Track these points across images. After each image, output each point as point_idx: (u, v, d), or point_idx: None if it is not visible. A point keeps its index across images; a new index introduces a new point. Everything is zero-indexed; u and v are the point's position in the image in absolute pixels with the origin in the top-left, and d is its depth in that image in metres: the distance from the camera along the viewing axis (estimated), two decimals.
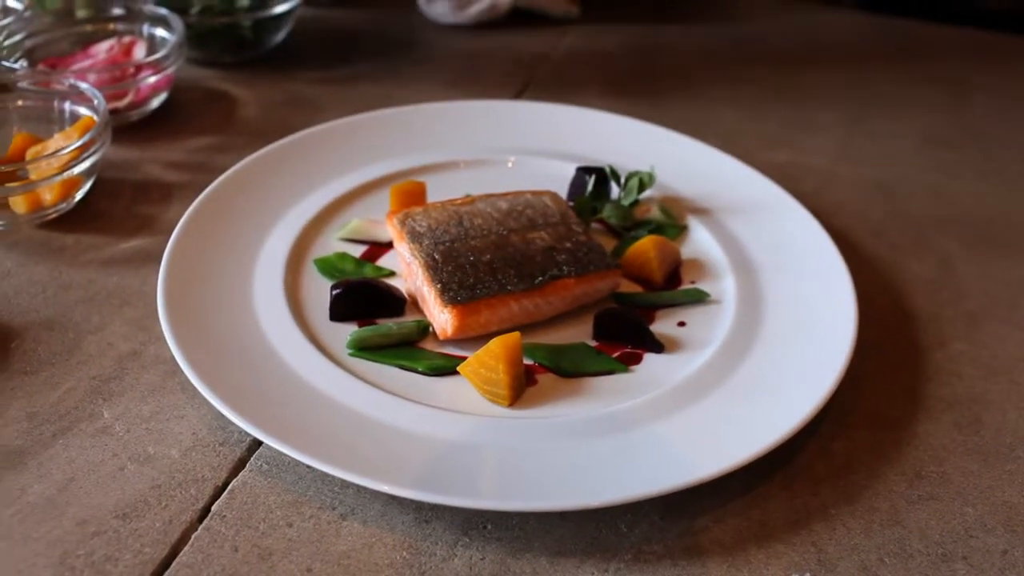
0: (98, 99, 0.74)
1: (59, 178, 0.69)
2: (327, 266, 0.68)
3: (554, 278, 0.63)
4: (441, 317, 0.60)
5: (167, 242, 0.66)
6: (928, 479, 0.56)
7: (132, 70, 0.83)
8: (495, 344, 0.57)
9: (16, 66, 0.83)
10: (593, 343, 0.63)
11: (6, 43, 0.85)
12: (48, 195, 0.71)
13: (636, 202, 0.75)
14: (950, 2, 1.21)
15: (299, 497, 0.53)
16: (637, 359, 0.62)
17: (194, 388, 0.57)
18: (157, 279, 0.63)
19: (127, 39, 0.90)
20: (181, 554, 0.49)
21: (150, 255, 0.70)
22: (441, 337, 0.61)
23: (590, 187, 0.75)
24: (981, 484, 0.56)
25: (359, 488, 0.53)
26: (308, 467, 0.54)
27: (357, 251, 0.70)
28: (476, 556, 0.50)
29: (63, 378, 0.59)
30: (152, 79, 0.83)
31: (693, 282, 0.69)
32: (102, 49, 0.89)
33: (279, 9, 0.97)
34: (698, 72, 1.05)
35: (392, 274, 0.68)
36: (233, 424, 0.56)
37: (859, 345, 0.61)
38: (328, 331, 0.62)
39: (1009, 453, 0.58)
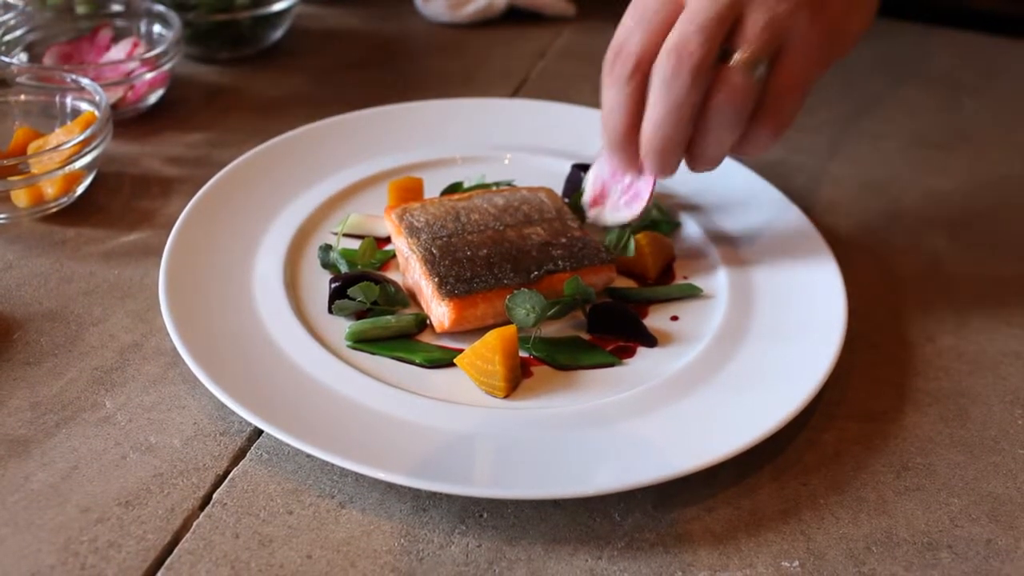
0: (99, 94, 0.75)
1: (60, 172, 0.70)
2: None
3: (549, 272, 0.64)
4: (439, 310, 0.61)
5: (168, 236, 0.67)
6: (915, 470, 0.57)
7: (130, 66, 0.84)
8: (491, 337, 0.58)
9: (16, 61, 0.84)
10: (587, 336, 0.64)
11: (6, 38, 0.86)
12: (50, 189, 0.72)
13: None
14: (940, 3, 1.22)
15: (299, 485, 0.54)
16: (631, 352, 0.63)
17: (195, 379, 0.58)
18: (158, 272, 0.63)
19: (126, 35, 0.90)
20: (183, 541, 0.50)
21: (151, 248, 0.71)
22: (438, 330, 0.62)
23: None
24: (966, 475, 0.57)
25: (358, 476, 0.54)
26: (308, 456, 0.55)
27: (355, 247, 0.71)
28: (472, 543, 0.51)
29: (65, 369, 0.60)
30: (150, 75, 0.84)
31: (686, 277, 0.70)
32: (101, 44, 0.89)
33: (277, 7, 0.97)
34: None
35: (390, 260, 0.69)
36: (234, 414, 0.57)
37: (849, 339, 0.63)
38: (327, 323, 0.63)
39: (994, 445, 0.60)
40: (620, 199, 0.68)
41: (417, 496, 0.53)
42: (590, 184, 0.70)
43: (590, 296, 0.64)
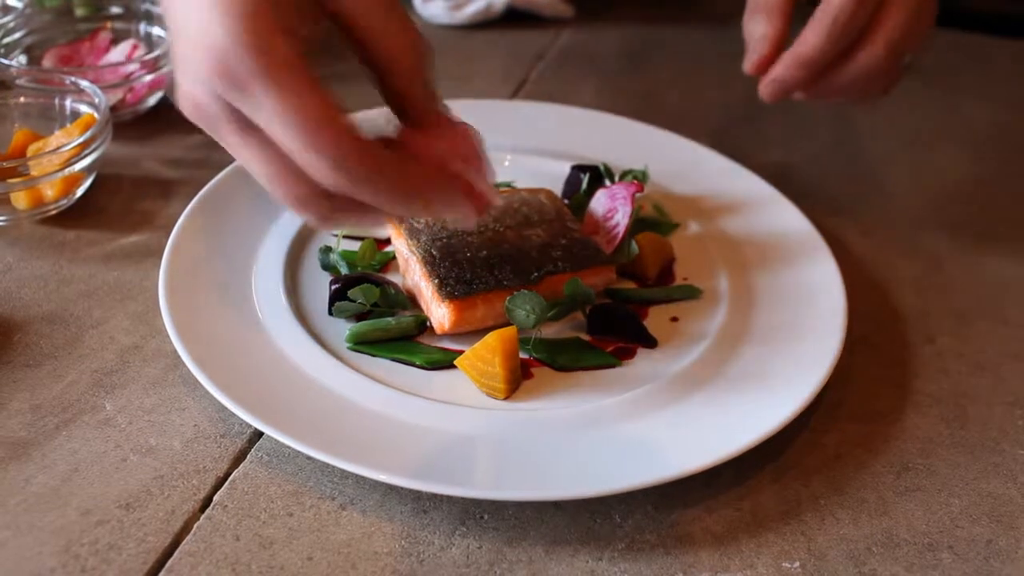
0: (99, 96, 0.75)
1: (60, 174, 0.70)
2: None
3: (549, 273, 0.64)
4: (439, 312, 0.61)
5: (167, 237, 0.67)
6: (915, 471, 0.57)
7: (130, 68, 0.84)
8: (491, 338, 0.58)
9: (15, 63, 0.84)
10: (587, 338, 0.64)
11: (5, 40, 0.86)
12: (49, 191, 0.72)
13: None
14: (940, 3, 1.22)
15: (299, 487, 0.54)
16: (631, 354, 0.63)
17: (195, 381, 0.58)
18: (158, 274, 0.63)
19: (125, 37, 0.90)
20: (184, 543, 0.50)
21: (150, 250, 0.71)
22: (438, 331, 0.62)
23: (585, 185, 0.76)
24: (967, 476, 0.57)
25: (358, 478, 0.54)
26: (308, 458, 0.55)
27: (355, 248, 0.71)
28: (473, 545, 0.51)
29: (65, 371, 0.60)
30: (149, 77, 0.84)
31: (686, 279, 0.70)
32: (100, 47, 0.89)
33: None
34: (691, 72, 1.06)
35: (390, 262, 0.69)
36: (234, 416, 0.57)
37: (849, 341, 0.63)
38: (327, 325, 0.63)
39: (994, 446, 0.60)
40: (605, 237, 0.69)
41: (418, 498, 0.53)
42: (586, 216, 0.72)
43: (590, 297, 0.64)
